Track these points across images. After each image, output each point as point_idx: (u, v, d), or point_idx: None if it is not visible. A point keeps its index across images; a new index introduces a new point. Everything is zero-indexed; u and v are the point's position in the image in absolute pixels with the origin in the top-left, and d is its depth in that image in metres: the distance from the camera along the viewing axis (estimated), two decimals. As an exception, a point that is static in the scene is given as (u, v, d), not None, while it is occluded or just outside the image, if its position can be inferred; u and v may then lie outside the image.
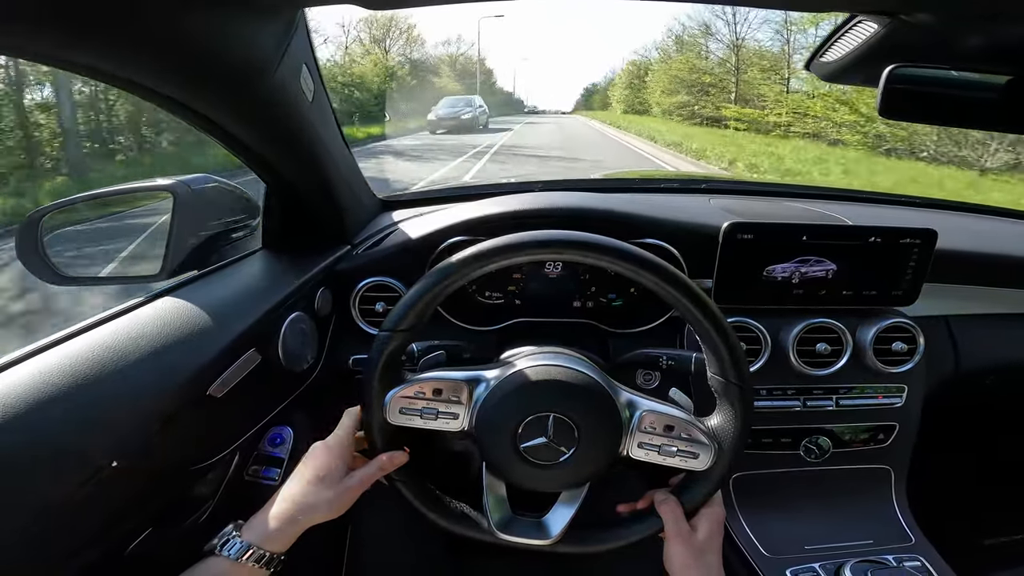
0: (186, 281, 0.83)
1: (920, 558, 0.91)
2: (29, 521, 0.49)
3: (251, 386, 0.74)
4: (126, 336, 0.64)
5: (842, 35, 0.70)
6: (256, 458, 0.84)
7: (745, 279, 0.98)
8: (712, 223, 0.98)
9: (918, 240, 0.96)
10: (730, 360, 0.64)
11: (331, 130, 0.92)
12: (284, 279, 0.88)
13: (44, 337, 0.60)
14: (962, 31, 0.61)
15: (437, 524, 0.70)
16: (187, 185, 0.98)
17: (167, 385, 0.62)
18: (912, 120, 0.73)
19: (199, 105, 0.66)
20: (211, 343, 0.68)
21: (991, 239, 1.24)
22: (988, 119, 0.72)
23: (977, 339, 1.12)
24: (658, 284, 0.64)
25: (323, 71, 0.86)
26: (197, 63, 0.59)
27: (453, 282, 0.65)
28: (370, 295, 1.02)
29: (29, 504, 0.49)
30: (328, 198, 0.98)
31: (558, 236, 0.65)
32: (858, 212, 1.25)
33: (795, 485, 1.04)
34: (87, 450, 0.54)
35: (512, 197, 1.09)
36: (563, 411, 0.65)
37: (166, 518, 0.68)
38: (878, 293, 1.00)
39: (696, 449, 0.65)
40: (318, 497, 0.63)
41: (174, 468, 0.65)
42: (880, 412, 1.04)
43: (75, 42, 0.49)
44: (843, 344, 1.00)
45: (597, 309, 1.08)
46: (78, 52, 0.50)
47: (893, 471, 1.06)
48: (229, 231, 1.07)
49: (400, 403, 0.66)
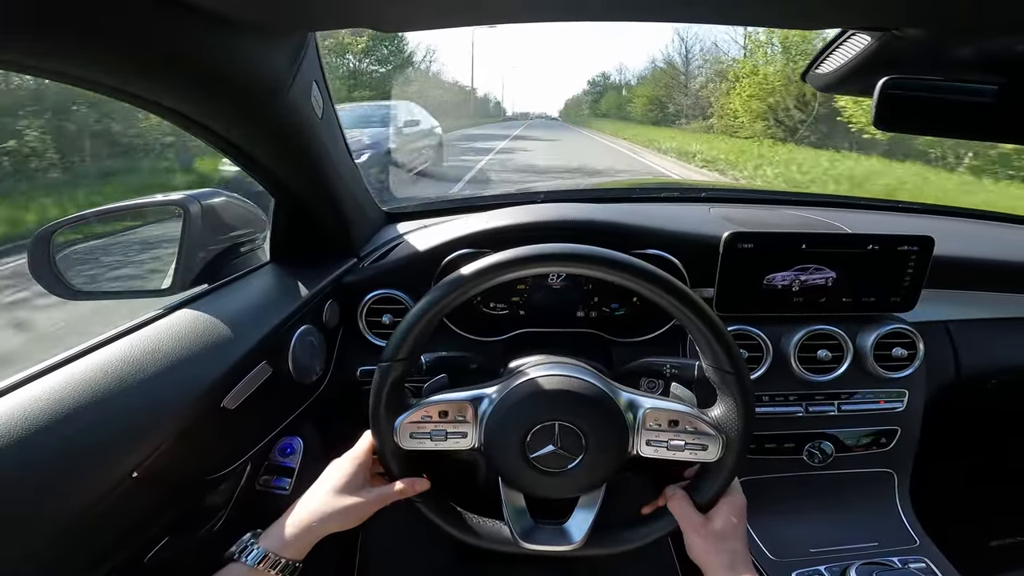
0: (198, 295, 0.85)
1: (925, 560, 0.92)
2: (57, 531, 0.50)
3: (262, 398, 0.75)
4: (143, 350, 0.65)
5: (836, 48, 0.71)
6: (267, 468, 0.85)
7: (746, 288, 0.99)
8: (712, 233, 0.99)
9: (916, 247, 0.97)
10: (721, 349, 0.65)
11: (339, 145, 0.94)
12: (293, 292, 0.89)
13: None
14: (952, 43, 0.63)
15: (463, 541, 0.71)
16: (196, 200, 1.00)
17: (184, 398, 0.63)
18: (906, 131, 0.74)
19: (213, 123, 0.68)
20: (225, 356, 0.70)
21: (988, 244, 1.26)
22: (981, 129, 0.73)
23: (977, 343, 1.13)
24: (644, 286, 0.65)
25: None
26: (213, 84, 0.60)
27: (453, 301, 0.66)
28: (377, 307, 1.03)
29: (56, 514, 0.51)
30: (335, 211, 0.99)
31: (522, 253, 0.66)
32: (856, 219, 1.27)
33: (799, 489, 1.05)
34: (110, 461, 0.55)
35: (516, 209, 1.11)
36: (567, 418, 0.66)
37: (182, 527, 0.69)
38: (877, 300, 1.01)
39: (704, 441, 0.66)
40: (333, 507, 0.65)
41: (190, 478, 0.66)
42: (882, 417, 1.05)
43: (97, 63, 0.51)
44: (844, 350, 1.01)
45: (600, 319, 1.09)
46: (99, 72, 0.52)
47: (896, 475, 1.07)
48: (238, 245, 1.08)
49: (409, 428, 0.67)
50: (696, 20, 0.61)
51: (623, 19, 0.60)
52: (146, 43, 0.51)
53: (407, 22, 0.64)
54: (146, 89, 0.57)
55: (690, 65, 27.65)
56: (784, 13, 0.57)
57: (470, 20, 0.62)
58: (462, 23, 0.63)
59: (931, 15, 0.55)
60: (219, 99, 0.64)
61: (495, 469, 0.70)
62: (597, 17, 0.60)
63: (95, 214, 0.96)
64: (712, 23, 0.60)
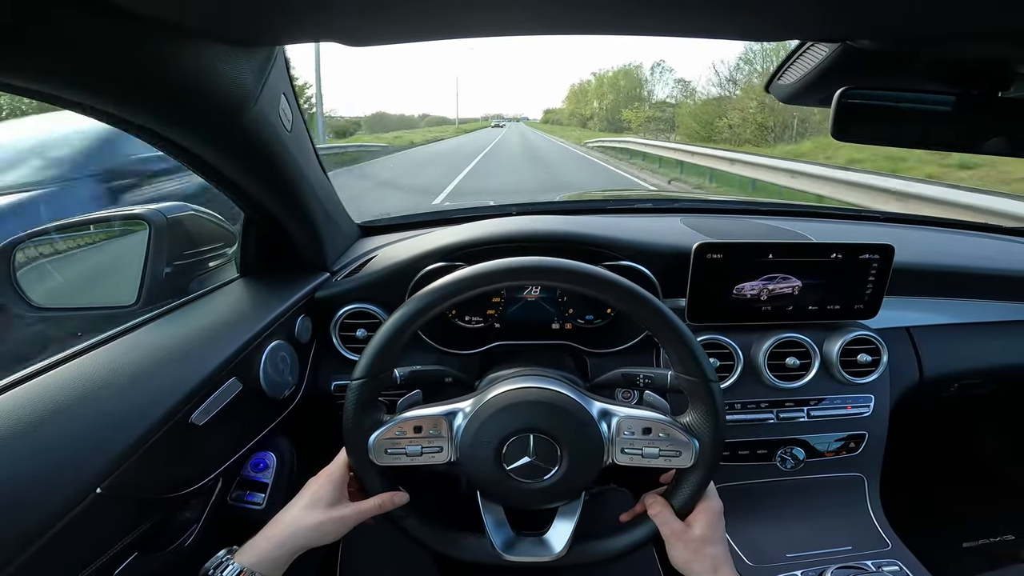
0: (164, 311, 0.83)
1: (898, 563, 0.93)
2: (16, 549, 0.48)
3: (233, 414, 0.74)
4: (107, 366, 0.64)
5: (797, 59, 0.73)
6: (239, 483, 0.84)
7: (716, 298, 1.01)
8: (683, 244, 1.01)
9: (877, 255, 1.01)
10: (690, 357, 0.66)
11: (309, 157, 0.93)
12: (263, 307, 0.88)
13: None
14: (906, 54, 0.64)
15: (446, 556, 0.71)
16: (162, 214, 0.98)
17: (150, 414, 0.62)
18: (864, 141, 0.75)
19: (179, 137, 0.67)
20: (192, 373, 0.69)
21: (948, 252, 1.30)
22: (936, 139, 0.74)
23: (939, 348, 1.16)
24: (616, 297, 0.66)
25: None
26: (178, 97, 0.59)
27: (426, 315, 0.66)
28: (351, 322, 1.02)
29: (18, 531, 0.49)
30: (307, 225, 0.98)
31: (495, 267, 0.66)
32: (821, 229, 1.31)
33: (774, 495, 1.06)
34: (73, 477, 0.54)
35: (490, 222, 1.11)
36: (542, 429, 0.66)
37: (151, 542, 0.67)
38: (842, 307, 1.04)
39: (677, 447, 0.66)
40: (310, 523, 0.64)
41: (158, 494, 0.65)
42: (849, 422, 1.07)
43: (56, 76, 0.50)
44: (811, 357, 1.04)
45: (576, 330, 1.10)
46: (59, 87, 0.51)
47: (866, 478, 1.09)
48: (206, 260, 1.07)
49: (384, 444, 0.67)
50: (657, 34, 0.62)
51: (591, 33, 0.62)
52: (103, 56, 0.50)
53: (380, 37, 0.64)
54: (105, 102, 0.56)
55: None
56: (740, 27, 0.58)
57: (444, 35, 0.62)
58: (436, 37, 0.63)
59: (882, 27, 0.57)
60: (182, 113, 0.63)
61: (473, 482, 0.70)
62: (567, 31, 0.61)
63: (56, 227, 0.94)
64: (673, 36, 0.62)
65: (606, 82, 66.44)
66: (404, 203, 8.04)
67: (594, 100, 70.14)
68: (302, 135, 0.89)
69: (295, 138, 0.85)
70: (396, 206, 5.26)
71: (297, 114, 0.86)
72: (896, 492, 1.12)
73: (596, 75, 71.10)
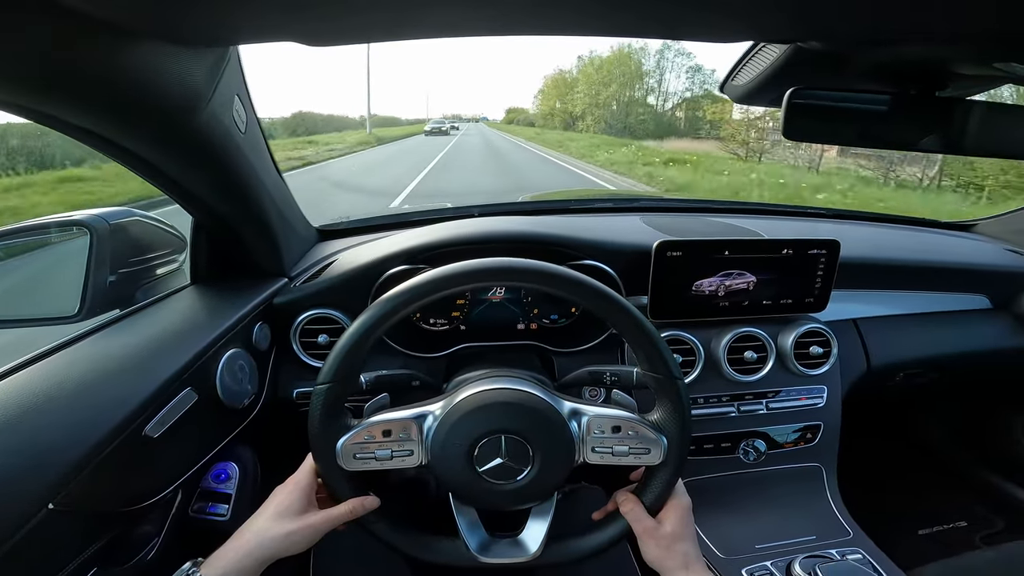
0: (110, 321, 0.79)
1: (860, 551, 0.97)
2: None
3: (190, 424, 0.71)
4: (51, 379, 0.61)
5: (749, 59, 0.75)
6: (200, 495, 0.80)
7: (677, 294, 1.03)
8: (644, 242, 1.03)
9: (824, 250, 1.05)
10: (655, 354, 0.67)
11: (264, 160, 0.90)
12: (217, 315, 0.85)
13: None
14: (850, 55, 0.67)
15: (419, 560, 0.70)
16: (104, 220, 0.93)
17: (100, 427, 0.59)
18: (813, 140, 0.78)
19: (125, 140, 0.64)
20: (143, 384, 0.65)
21: (890, 246, 1.37)
22: (877, 137, 0.76)
23: (884, 339, 1.22)
24: (580, 296, 0.66)
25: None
26: (124, 99, 0.56)
27: (390, 319, 0.65)
28: (312, 328, 0.99)
29: None
30: (262, 230, 0.95)
31: (459, 269, 0.66)
32: (773, 226, 1.35)
33: (739, 488, 1.09)
34: (21, 494, 0.51)
35: (452, 224, 1.11)
36: (513, 430, 0.66)
37: (111, 557, 0.64)
38: (793, 301, 1.08)
39: (646, 444, 0.67)
40: (278, 532, 0.62)
41: (113, 508, 0.62)
42: (805, 413, 1.11)
43: None
44: (768, 351, 1.07)
45: (541, 330, 1.10)
46: None
47: (824, 468, 1.13)
48: (154, 267, 1.02)
49: (352, 449, 0.65)
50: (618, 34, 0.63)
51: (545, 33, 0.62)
52: (43, 56, 0.47)
53: (337, 37, 0.62)
54: (45, 103, 0.53)
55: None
56: (689, 28, 0.60)
57: (407, 35, 0.61)
58: (399, 37, 0.62)
59: (825, 28, 0.59)
60: (129, 116, 0.60)
61: (445, 485, 0.69)
62: (524, 32, 0.61)
63: (-14, 236, 0.88)
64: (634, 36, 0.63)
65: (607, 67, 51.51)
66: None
67: (591, 90, 52.89)
68: (257, 138, 0.87)
69: (249, 140, 0.82)
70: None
71: (252, 115, 0.84)
72: (853, 482, 1.16)
73: (589, 58, 56.17)
